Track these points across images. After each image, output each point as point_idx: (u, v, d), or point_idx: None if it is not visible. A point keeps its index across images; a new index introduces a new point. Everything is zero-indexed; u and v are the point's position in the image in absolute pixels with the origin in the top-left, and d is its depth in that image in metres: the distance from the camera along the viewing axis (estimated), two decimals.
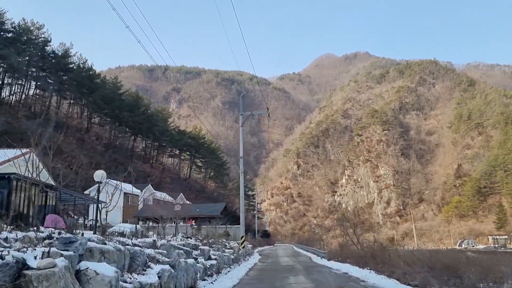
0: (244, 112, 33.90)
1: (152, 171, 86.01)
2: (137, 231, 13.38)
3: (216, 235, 32.88)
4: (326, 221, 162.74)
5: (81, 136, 73.97)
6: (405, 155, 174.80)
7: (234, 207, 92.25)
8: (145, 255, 10.10)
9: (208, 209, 47.41)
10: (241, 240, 31.92)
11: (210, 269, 15.67)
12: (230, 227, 43.33)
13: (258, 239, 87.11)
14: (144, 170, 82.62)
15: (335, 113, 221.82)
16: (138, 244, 10.82)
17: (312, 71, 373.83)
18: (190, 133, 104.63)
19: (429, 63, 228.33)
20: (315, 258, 34.29)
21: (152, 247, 11.49)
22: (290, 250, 61.34)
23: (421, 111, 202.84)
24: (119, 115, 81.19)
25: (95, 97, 75.75)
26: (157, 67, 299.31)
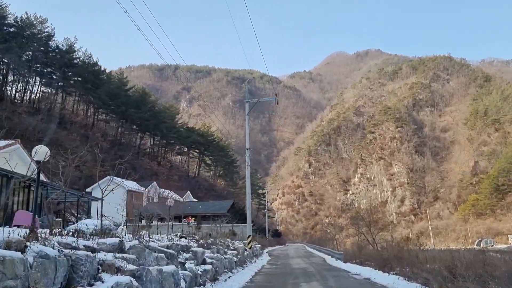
0: (250, 100, 30.83)
1: (160, 169, 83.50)
2: (102, 229, 10.39)
3: (220, 234, 29.95)
4: (338, 220, 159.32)
5: (86, 133, 71.56)
6: (419, 153, 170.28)
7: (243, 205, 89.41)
8: (96, 263, 7.13)
9: (214, 207, 44.49)
10: (248, 240, 28.91)
11: (203, 275, 12.65)
12: (238, 226, 40.40)
13: (269, 238, 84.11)
14: (151, 167, 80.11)
15: (347, 110, 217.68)
16: (92, 246, 7.86)
17: (323, 69, 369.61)
18: (198, 130, 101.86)
19: (443, 59, 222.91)
20: (329, 260, 31.18)
21: (117, 251, 8.52)
22: (302, 250, 58.20)
23: (435, 107, 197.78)
24: (125, 112, 78.70)
25: (100, 92, 73.30)
26: (167, 67, 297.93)
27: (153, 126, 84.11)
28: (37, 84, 73.66)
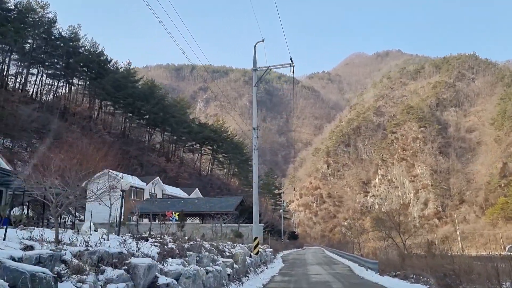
0: (259, 68, 24.45)
1: (168, 166, 77.78)
2: None
3: (220, 235, 23.65)
4: (357, 222, 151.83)
5: (88, 125, 66.20)
6: (443, 154, 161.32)
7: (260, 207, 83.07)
8: None
9: (220, 204, 38.24)
10: (254, 243, 22.51)
11: None
12: (246, 226, 34.11)
13: (285, 241, 77.52)
14: (158, 164, 74.44)
15: (367, 110, 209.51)
16: None
17: (342, 70, 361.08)
18: (211, 126, 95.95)
19: (468, 58, 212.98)
20: (357, 269, 24.59)
21: None
22: (321, 255, 51.50)
23: (460, 107, 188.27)
24: (132, 104, 73.26)
25: (104, 82, 67.93)
26: (185, 66, 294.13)
27: (162, 120, 78.46)
28: (39, 74, 68.68)
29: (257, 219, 23.22)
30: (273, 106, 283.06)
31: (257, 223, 23.24)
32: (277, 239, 63.97)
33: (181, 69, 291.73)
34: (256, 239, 22.49)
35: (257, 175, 24.00)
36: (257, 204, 23.48)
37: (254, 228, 23.12)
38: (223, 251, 16.02)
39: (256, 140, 24.25)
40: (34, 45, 65.99)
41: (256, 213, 23.22)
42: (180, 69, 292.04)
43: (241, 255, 16.23)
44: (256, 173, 23.84)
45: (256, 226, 23.21)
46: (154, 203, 37.51)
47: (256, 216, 23.04)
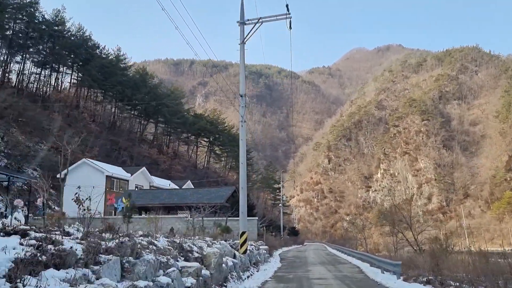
0: (247, 20, 19.49)
1: (160, 158, 72.92)
2: None
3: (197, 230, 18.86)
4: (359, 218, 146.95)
5: (71, 113, 61.33)
6: (447, 147, 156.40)
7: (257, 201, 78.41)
8: None
9: (209, 195, 33.44)
10: (241, 240, 17.64)
11: None
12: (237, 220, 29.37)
13: (285, 237, 72.73)
14: (150, 155, 69.61)
15: (368, 104, 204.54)
16: None
17: (342, 65, 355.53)
18: (207, 117, 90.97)
19: (471, 50, 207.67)
20: (370, 271, 19.80)
21: None
22: (324, 252, 46.70)
23: (463, 100, 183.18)
24: (122, 92, 68.38)
25: (90, 68, 62.98)
26: (183, 61, 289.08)
27: (154, 110, 73.56)
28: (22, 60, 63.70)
29: (244, 208, 18.36)
30: (273, 101, 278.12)
31: (244, 214, 18.35)
32: (276, 235, 59.27)
33: (180, 64, 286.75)
34: (243, 235, 17.62)
35: (245, 153, 19.18)
36: (245, 190, 18.63)
37: (241, 220, 18.25)
38: (190, 250, 11.18)
39: (244, 110, 19.36)
40: (16, 29, 61.14)
41: (244, 201, 18.38)
42: (179, 64, 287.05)
43: (216, 256, 11.38)
44: (244, 151, 19.03)
45: (244, 218, 18.33)
46: (131, 194, 32.65)
47: (243, 205, 18.21)
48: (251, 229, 29.75)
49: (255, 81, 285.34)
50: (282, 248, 54.49)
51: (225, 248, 14.95)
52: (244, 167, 18.73)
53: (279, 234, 65.93)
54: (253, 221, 29.77)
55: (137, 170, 45.79)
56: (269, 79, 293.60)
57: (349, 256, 34.46)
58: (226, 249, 14.94)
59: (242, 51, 19.51)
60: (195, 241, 13.78)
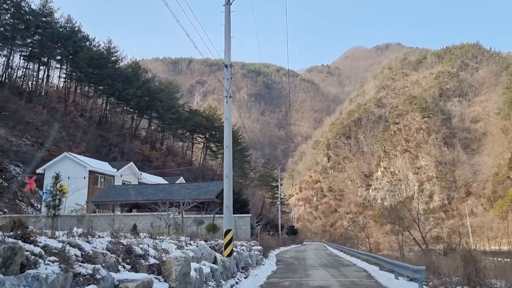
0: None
1: (153, 154, 69.67)
2: None
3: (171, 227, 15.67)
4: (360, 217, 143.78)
5: (57, 107, 58.05)
6: (448, 145, 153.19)
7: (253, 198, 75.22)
8: None
9: (198, 191, 30.16)
10: (225, 240, 14.32)
11: None
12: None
13: (283, 236, 69.57)
14: (142, 152, 66.36)
15: (368, 102, 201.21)
16: None
17: (341, 63, 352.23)
18: (203, 113, 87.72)
19: (471, 47, 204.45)
20: (381, 276, 16.58)
21: None
22: (324, 253, 43.47)
23: (464, 97, 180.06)
24: (112, 86, 65.13)
25: (78, 59, 59.68)
26: (181, 60, 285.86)
27: (147, 105, 70.31)
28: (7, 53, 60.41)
29: (230, 201, 15.11)
30: (272, 99, 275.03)
31: (229, 209, 15.07)
32: (273, 234, 56.05)
33: (178, 63, 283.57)
34: (228, 233, 14.32)
35: (231, 135, 15.93)
36: (230, 179, 15.36)
37: (226, 216, 14.95)
38: (142, 256, 7.94)
39: (230, 84, 16.18)
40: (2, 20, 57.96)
41: (229, 192, 15.15)
42: (177, 63, 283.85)
43: (179, 263, 8.10)
44: (229, 132, 15.78)
45: (229, 213, 15.05)
46: (111, 191, 29.53)
47: (228, 197, 14.97)
48: (244, 227, 26.57)
49: (254, 80, 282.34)
50: (280, 248, 51.28)
51: (202, 250, 11.71)
52: (229, 151, 15.49)
53: (277, 233, 62.71)
54: (246, 219, 26.59)
55: (124, 165, 42.53)
56: (267, 77, 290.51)
57: (352, 257, 31.24)
58: (204, 252, 11.70)
59: (228, 13, 16.30)
60: (162, 242, 10.57)
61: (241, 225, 26.24)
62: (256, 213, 46.75)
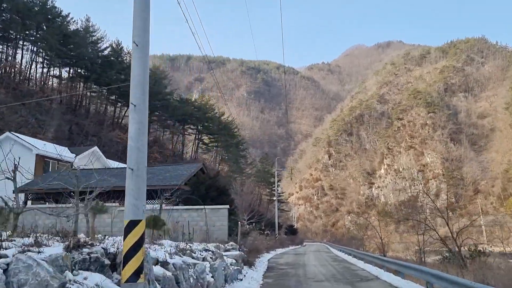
0: None
1: None
2: None
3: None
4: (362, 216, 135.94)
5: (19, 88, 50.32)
6: (455, 141, 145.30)
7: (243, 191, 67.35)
8: None
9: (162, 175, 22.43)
10: (128, 243, 6.39)
11: None
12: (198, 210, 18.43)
13: (281, 236, 61.94)
14: (122, 141, 58.53)
15: (370, 98, 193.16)
16: None
17: (342, 61, 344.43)
18: (194, 102, 79.97)
19: (476, 41, 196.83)
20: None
21: None
22: (328, 256, 35.64)
23: (469, 92, 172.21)
24: (90, 69, 57.42)
25: (49, 36, 51.90)
26: (180, 56, 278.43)
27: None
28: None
29: (141, 160, 7.12)
30: (271, 97, 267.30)
31: (141, 177, 7.07)
32: (267, 234, 48.22)
33: (176, 59, 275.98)
34: (133, 231, 6.43)
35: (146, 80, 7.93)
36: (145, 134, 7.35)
37: (130, 193, 6.95)
38: None
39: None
40: None
41: (138, 140, 7.20)
42: (175, 59, 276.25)
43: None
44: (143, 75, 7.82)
45: (137, 184, 7.02)
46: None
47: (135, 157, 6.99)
48: (219, 223, 18.77)
49: (253, 77, 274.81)
50: (276, 251, 43.53)
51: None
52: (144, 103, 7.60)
53: (273, 232, 54.95)
54: (221, 212, 18.87)
55: (85, 150, 34.80)
56: (267, 74, 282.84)
57: (367, 263, 23.46)
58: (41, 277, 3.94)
59: None
60: None
61: (215, 220, 18.56)
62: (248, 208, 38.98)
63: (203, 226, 17.88)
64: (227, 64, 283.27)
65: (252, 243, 22.65)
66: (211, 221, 18.32)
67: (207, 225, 17.71)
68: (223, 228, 18.54)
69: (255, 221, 39.28)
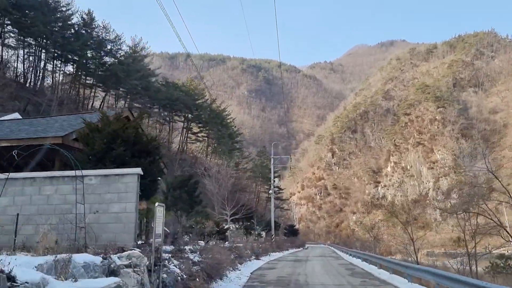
0: None
1: None
2: None
3: None
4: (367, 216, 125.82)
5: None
6: (466, 137, 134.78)
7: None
8: None
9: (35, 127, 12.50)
10: None
11: None
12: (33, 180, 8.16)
13: (279, 238, 51.84)
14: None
15: (375, 94, 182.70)
16: None
17: (344, 60, 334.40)
18: (182, 87, 70.00)
19: (486, 35, 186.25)
20: None
21: None
22: (338, 264, 25.36)
23: (479, 87, 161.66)
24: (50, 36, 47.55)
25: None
26: (179, 55, 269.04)
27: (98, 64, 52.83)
28: None
29: None
30: (272, 95, 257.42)
31: None
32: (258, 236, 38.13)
33: (175, 57, 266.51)
34: None
35: None
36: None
37: None
38: None
39: None
40: None
41: None
42: (174, 57, 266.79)
43: None
44: None
45: None
46: None
47: None
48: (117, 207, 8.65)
49: (254, 75, 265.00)
50: (270, 255, 33.39)
51: None
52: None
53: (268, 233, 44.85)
54: (125, 183, 8.84)
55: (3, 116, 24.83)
56: (268, 72, 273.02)
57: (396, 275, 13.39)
58: None
59: None
60: None
61: (108, 201, 8.60)
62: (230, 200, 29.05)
63: (83, 215, 7.92)
64: (227, 62, 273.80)
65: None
66: (102, 204, 8.46)
67: (85, 212, 7.80)
68: (128, 218, 8.60)
69: (241, 216, 29.25)
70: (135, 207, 8.67)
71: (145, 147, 11.59)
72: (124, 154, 10.52)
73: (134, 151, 10.98)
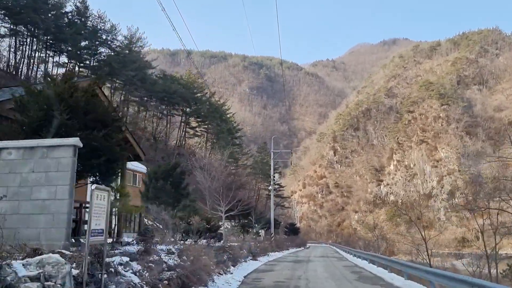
0: None
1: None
2: None
3: None
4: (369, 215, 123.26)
5: None
6: (471, 134, 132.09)
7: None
8: None
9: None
10: None
11: None
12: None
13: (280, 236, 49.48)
14: None
15: (378, 92, 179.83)
16: None
17: (347, 58, 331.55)
18: (180, 79, 67.55)
19: (490, 32, 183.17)
20: None
21: None
22: (342, 265, 22.82)
23: (484, 85, 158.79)
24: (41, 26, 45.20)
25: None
26: (180, 51, 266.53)
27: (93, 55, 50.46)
28: None
29: None
30: (274, 93, 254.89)
31: None
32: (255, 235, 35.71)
33: (176, 54, 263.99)
34: None
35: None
36: None
37: None
38: None
39: None
40: None
41: None
42: (175, 54, 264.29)
43: None
44: None
45: None
46: None
47: None
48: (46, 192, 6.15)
49: (256, 72, 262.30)
50: (269, 255, 30.96)
51: None
52: None
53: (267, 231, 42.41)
54: (55, 158, 6.44)
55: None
56: (270, 70, 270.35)
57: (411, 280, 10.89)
58: None
59: None
60: None
61: (30, 181, 6.15)
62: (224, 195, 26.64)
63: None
64: (229, 59, 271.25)
65: (194, 256, 10.11)
66: (25, 187, 6.07)
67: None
68: (59, 206, 6.15)
69: (237, 213, 26.81)
70: (69, 192, 6.28)
71: (100, 117, 9.24)
72: (68, 124, 8.15)
73: (86, 121, 8.63)
